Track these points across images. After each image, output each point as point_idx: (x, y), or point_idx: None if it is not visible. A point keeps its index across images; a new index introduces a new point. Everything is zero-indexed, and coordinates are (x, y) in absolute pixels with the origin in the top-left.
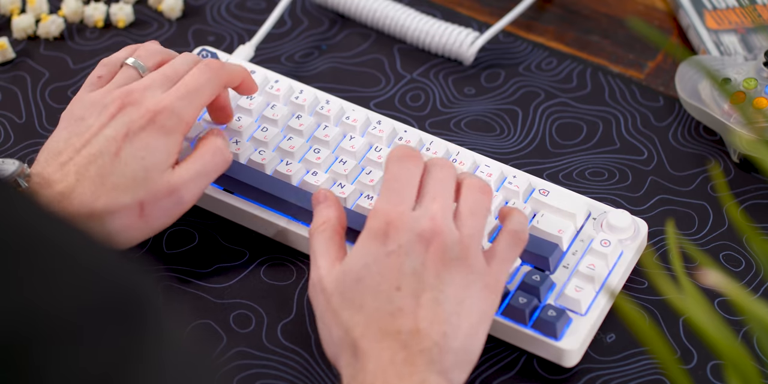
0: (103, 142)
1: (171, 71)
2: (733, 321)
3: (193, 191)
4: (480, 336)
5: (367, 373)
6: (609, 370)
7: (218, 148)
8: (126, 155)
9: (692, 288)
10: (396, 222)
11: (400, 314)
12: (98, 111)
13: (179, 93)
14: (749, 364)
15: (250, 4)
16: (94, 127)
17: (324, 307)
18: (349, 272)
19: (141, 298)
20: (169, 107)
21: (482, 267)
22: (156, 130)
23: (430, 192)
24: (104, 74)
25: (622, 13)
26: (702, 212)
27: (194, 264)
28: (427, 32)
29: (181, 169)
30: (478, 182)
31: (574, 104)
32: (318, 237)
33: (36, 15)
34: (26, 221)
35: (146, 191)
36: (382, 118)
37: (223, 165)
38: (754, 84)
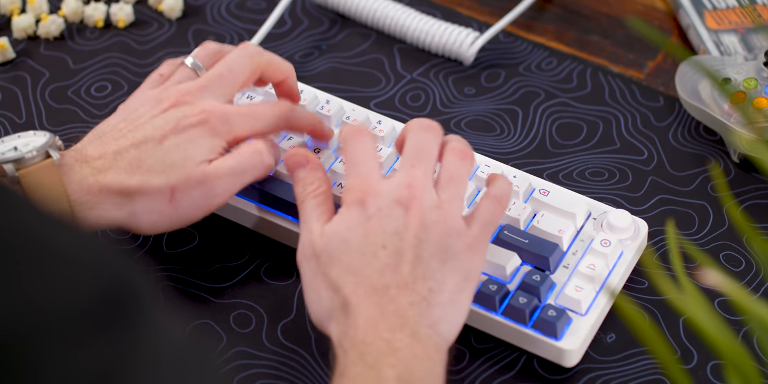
0: (149, 129)
1: (225, 69)
2: (733, 321)
3: (226, 187)
4: (466, 294)
5: (358, 328)
6: (609, 370)
7: (257, 150)
8: (169, 144)
9: (692, 288)
10: (371, 189)
11: (387, 270)
12: (152, 104)
13: (242, 110)
14: (749, 364)
15: (250, 4)
16: (145, 116)
17: (314, 269)
18: (335, 234)
19: (135, 293)
20: (226, 114)
21: (462, 230)
22: (205, 130)
23: (409, 158)
24: (165, 73)
25: (622, 13)
26: (702, 212)
27: (194, 264)
28: (427, 32)
29: (218, 162)
30: (458, 146)
31: (574, 104)
32: (309, 202)
33: (36, 15)
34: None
35: (179, 177)
36: (382, 118)
37: (260, 167)
38: (754, 84)
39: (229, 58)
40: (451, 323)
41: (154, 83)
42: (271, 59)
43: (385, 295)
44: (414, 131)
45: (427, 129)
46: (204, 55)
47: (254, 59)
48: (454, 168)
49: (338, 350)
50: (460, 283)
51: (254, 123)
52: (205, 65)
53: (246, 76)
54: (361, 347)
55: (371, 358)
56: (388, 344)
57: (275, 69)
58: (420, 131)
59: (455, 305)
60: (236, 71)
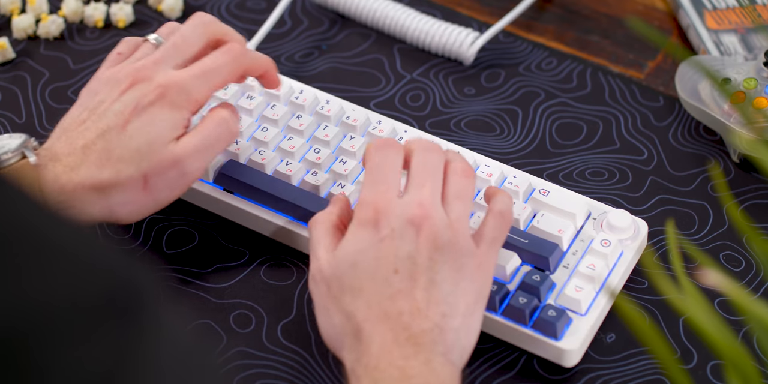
0: (111, 117)
1: (180, 40)
2: (733, 321)
3: (197, 163)
4: (477, 316)
5: (372, 355)
6: (609, 370)
7: (223, 118)
8: (132, 129)
9: (692, 288)
10: (385, 209)
11: (399, 296)
12: (110, 87)
13: (193, 71)
14: (749, 364)
15: (250, 4)
16: (105, 102)
17: (325, 295)
18: (345, 258)
19: (138, 290)
20: (180, 83)
21: (472, 249)
22: (164, 105)
23: (417, 177)
24: (124, 51)
25: (622, 13)
26: (702, 212)
27: (194, 264)
28: (427, 32)
29: (184, 139)
30: (461, 166)
31: (574, 104)
32: (318, 227)
33: (36, 15)
34: (21, 216)
35: (149, 163)
36: (382, 118)
37: (227, 136)
38: (754, 84)
39: (183, 28)
40: (463, 348)
41: (112, 63)
42: (224, 29)
43: (398, 321)
44: (419, 151)
45: (431, 149)
46: (166, 32)
47: (207, 27)
48: (459, 187)
49: (351, 376)
50: (471, 305)
51: (211, 81)
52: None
53: (201, 44)
54: (375, 374)
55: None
56: (402, 372)
57: (230, 39)
58: (425, 151)
59: (467, 329)
60: (190, 39)
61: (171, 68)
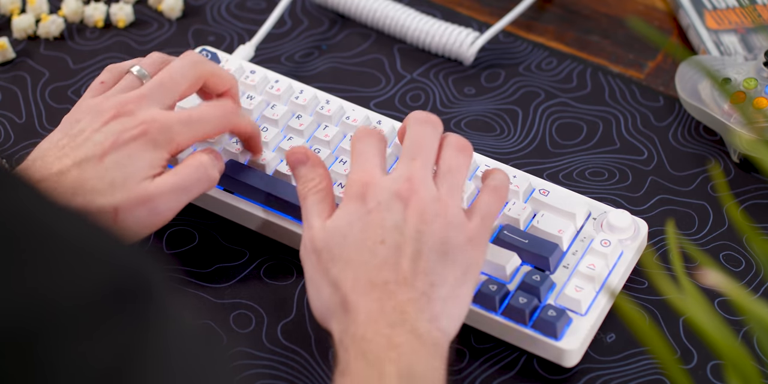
0: (90, 146)
1: (167, 78)
2: (733, 321)
3: (170, 204)
4: (466, 288)
5: (359, 324)
6: (609, 370)
7: (201, 163)
8: (109, 161)
9: (692, 288)
10: (371, 183)
11: (386, 266)
12: (93, 116)
13: (180, 117)
14: (749, 364)
15: (250, 4)
16: (86, 131)
17: (314, 265)
18: (335, 230)
19: (145, 284)
20: (165, 124)
21: (462, 222)
22: (146, 142)
23: (409, 151)
24: (107, 80)
25: (622, 13)
26: (702, 212)
27: (194, 264)
28: (427, 32)
29: (161, 179)
30: (456, 140)
31: (574, 104)
32: (311, 198)
33: (36, 15)
34: (28, 210)
35: (121, 197)
36: (382, 118)
37: (204, 181)
38: (754, 84)
39: (171, 66)
40: (451, 318)
41: (95, 92)
42: (213, 68)
43: (384, 290)
44: (413, 125)
45: (426, 122)
46: (149, 63)
47: (196, 67)
48: (452, 160)
49: (339, 347)
50: (460, 277)
51: (196, 129)
52: (150, 73)
53: (188, 84)
54: (362, 344)
55: (372, 355)
56: (389, 340)
57: (218, 79)
58: (418, 124)
59: (456, 299)
60: (177, 79)
61: (156, 106)
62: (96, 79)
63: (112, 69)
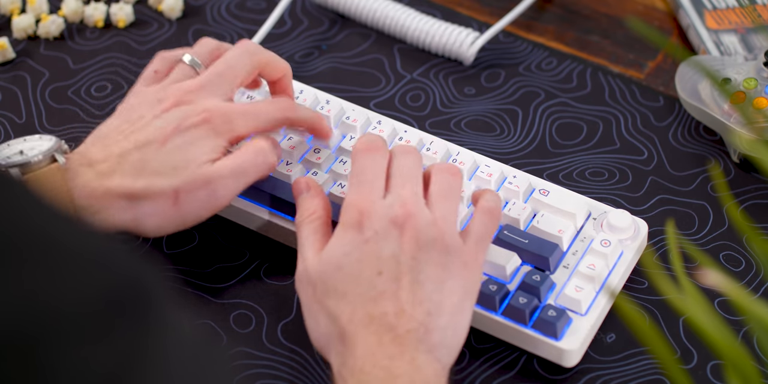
0: (152, 131)
1: (224, 67)
2: (733, 321)
3: (229, 187)
4: (465, 313)
5: (357, 357)
6: (609, 370)
7: (261, 148)
8: (172, 146)
9: (692, 288)
10: (368, 211)
11: (383, 298)
12: (152, 104)
13: (242, 108)
14: (749, 364)
15: (250, 4)
16: (146, 117)
17: (310, 297)
18: (330, 261)
19: (145, 291)
20: (226, 113)
21: (458, 246)
22: (207, 130)
23: (398, 179)
24: (160, 69)
25: (622, 13)
26: (702, 212)
27: (194, 264)
28: (427, 32)
29: (220, 163)
30: (446, 165)
31: (574, 104)
32: (306, 228)
33: (36, 15)
34: (28, 217)
35: (182, 180)
36: (382, 118)
37: (263, 166)
38: (754, 84)
39: (229, 56)
40: (449, 346)
41: (149, 80)
42: (269, 57)
43: (382, 323)
44: (397, 155)
45: (408, 152)
46: (202, 52)
47: (253, 57)
48: (444, 184)
49: (338, 379)
50: (458, 304)
51: (255, 121)
52: (203, 62)
53: (245, 74)
54: (360, 376)
55: None
56: (387, 372)
57: (273, 67)
58: (402, 154)
59: (454, 327)
60: (236, 69)
61: (216, 97)
62: (148, 68)
63: (165, 57)
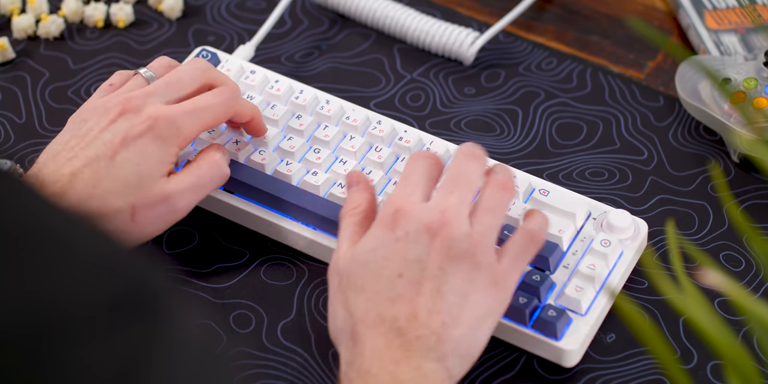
0: (99, 146)
1: (175, 79)
2: (733, 321)
3: (187, 200)
4: (485, 330)
5: (364, 358)
6: (609, 370)
7: (215, 161)
8: (121, 160)
9: (692, 288)
10: (404, 210)
11: (399, 300)
12: (99, 115)
13: (185, 107)
14: (749, 364)
15: (250, 4)
16: (94, 130)
17: (336, 287)
18: (358, 255)
19: (152, 291)
20: (170, 117)
21: (491, 263)
22: (153, 138)
23: (448, 183)
24: (115, 82)
25: (622, 13)
26: (702, 212)
27: (194, 264)
28: (427, 32)
29: (177, 178)
30: (501, 178)
31: (574, 104)
32: (347, 220)
33: (36, 15)
34: (34, 216)
35: (138, 196)
36: (382, 118)
37: (219, 179)
38: (754, 84)
39: (180, 69)
40: (462, 358)
41: (103, 93)
42: (221, 77)
43: (392, 327)
44: (459, 157)
45: (472, 157)
46: (158, 66)
47: (204, 73)
48: (492, 200)
49: (344, 379)
50: (479, 319)
51: (201, 119)
52: (158, 76)
53: (194, 87)
54: (367, 378)
55: None
56: (393, 376)
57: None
58: (464, 158)
59: (470, 341)
60: (185, 80)
61: (161, 102)
62: (105, 82)
63: (122, 73)
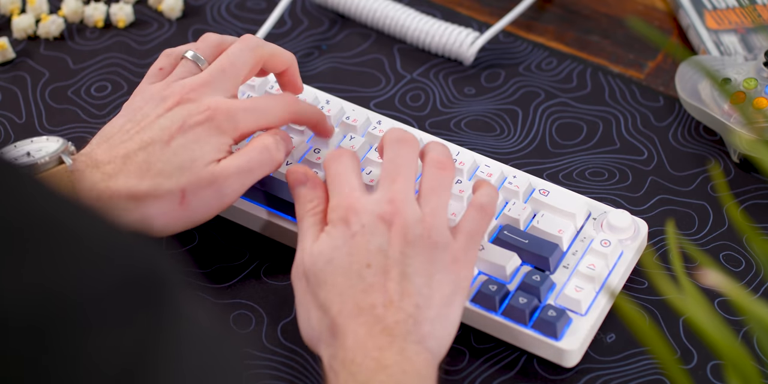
0: (156, 131)
1: (227, 63)
2: (733, 321)
3: (235, 186)
4: (454, 307)
5: (347, 349)
6: (609, 370)
7: (266, 146)
8: (176, 145)
9: (692, 288)
10: (354, 207)
11: (372, 290)
12: (156, 102)
13: (245, 105)
14: (749, 364)
15: (250, 4)
16: (150, 116)
17: (304, 289)
18: (321, 254)
19: (161, 281)
20: (230, 111)
21: (447, 241)
22: (211, 128)
23: (390, 172)
24: (165, 66)
25: (622, 13)
26: (702, 212)
27: (194, 264)
28: (427, 32)
29: (226, 162)
30: (436, 156)
31: (574, 104)
32: (307, 220)
33: (36, 15)
34: (41, 206)
35: (189, 179)
36: (382, 118)
37: (269, 163)
38: (754, 84)
39: (231, 52)
40: (440, 338)
41: (154, 78)
42: (273, 50)
43: (371, 314)
44: (389, 144)
45: (402, 141)
46: (205, 47)
47: (256, 52)
48: (434, 179)
49: (329, 372)
50: (448, 296)
51: (260, 118)
52: (206, 57)
53: (248, 69)
54: (351, 367)
55: (362, 377)
56: (378, 362)
57: (277, 60)
58: (395, 144)
59: (443, 320)
60: (238, 65)
61: (219, 94)
62: (154, 65)
63: (169, 54)
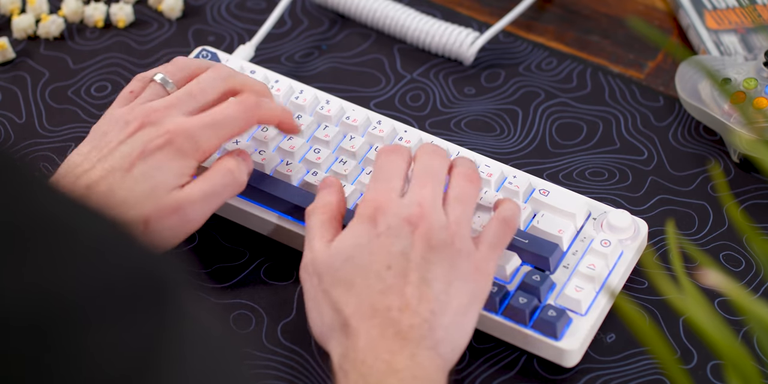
0: (117, 159)
1: (196, 89)
2: (733, 321)
3: (200, 211)
4: (470, 316)
5: (359, 350)
6: (609, 370)
7: (229, 169)
8: (138, 173)
9: (692, 288)
10: (383, 206)
11: (389, 292)
12: (120, 127)
13: (204, 120)
14: (749, 364)
15: (250, 4)
16: (113, 142)
17: (315, 287)
18: (340, 252)
19: (162, 280)
20: (189, 131)
21: (470, 251)
22: (171, 152)
23: (419, 179)
24: (136, 90)
25: (622, 13)
26: (702, 212)
27: (195, 264)
28: (427, 32)
29: (189, 187)
30: (465, 171)
31: (574, 104)
32: (315, 218)
33: (36, 15)
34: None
35: (151, 207)
36: (382, 118)
37: (232, 185)
38: (754, 84)
39: (202, 79)
40: (453, 345)
41: (124, 101)
42: (244, 81)
43: (386, 317)
44: (422, 156)
45: (435, 153)
46: (175, 71)
47: (227, 81)
48: (461, 189)
49: (338, 372)
50: (464, 305)
51: (220, 132)
52: (175, 81)
53: (217, 97)
54: (362, 368)
55: (373, 379)
56: (389, 366)
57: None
58: (428, 155)
59: (458, 327)
60: (208, 91)
61: (182, 114)
62: (125, 89)
63: (141, 78)
